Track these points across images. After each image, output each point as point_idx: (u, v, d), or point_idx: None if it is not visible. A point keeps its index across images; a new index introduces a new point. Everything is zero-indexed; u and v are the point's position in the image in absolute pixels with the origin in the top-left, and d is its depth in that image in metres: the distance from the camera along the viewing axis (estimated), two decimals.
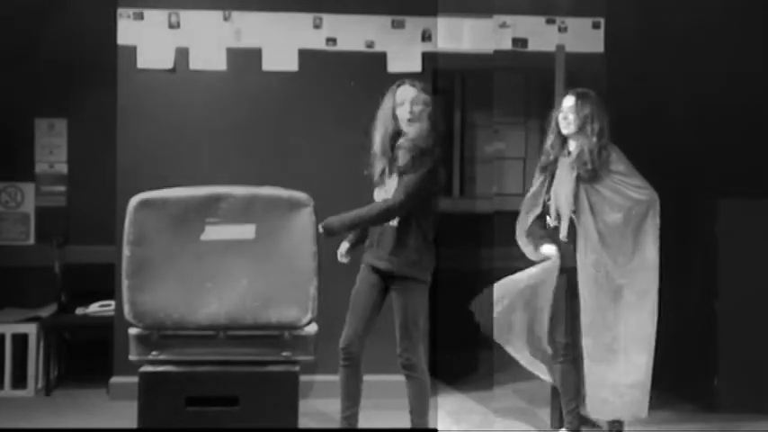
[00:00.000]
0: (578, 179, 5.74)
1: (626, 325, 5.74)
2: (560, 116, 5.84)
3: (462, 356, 8.16)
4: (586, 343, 5.79)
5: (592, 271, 5.75)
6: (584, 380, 5.87)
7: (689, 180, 7.23)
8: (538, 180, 5.99)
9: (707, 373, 6.82)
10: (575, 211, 5.78)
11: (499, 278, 6.09)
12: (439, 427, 6.34)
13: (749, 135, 7.73)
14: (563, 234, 5.78)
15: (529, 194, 6.05)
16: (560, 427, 6.11)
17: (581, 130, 5.76)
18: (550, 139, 5.92)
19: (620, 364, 5.75)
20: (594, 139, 5.72)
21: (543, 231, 5.89)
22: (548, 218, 5.89)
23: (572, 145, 5.83)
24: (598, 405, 5.82)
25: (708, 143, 7.57)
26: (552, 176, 5.88)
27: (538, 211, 5.93)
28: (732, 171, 7.43)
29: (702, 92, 7.67)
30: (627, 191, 5.76)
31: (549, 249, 5.81)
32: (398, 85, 5.44)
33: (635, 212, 5.75)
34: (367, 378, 6.92)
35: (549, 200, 5.89)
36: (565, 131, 5.83)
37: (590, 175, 5.72)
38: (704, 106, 7.67)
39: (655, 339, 5.78)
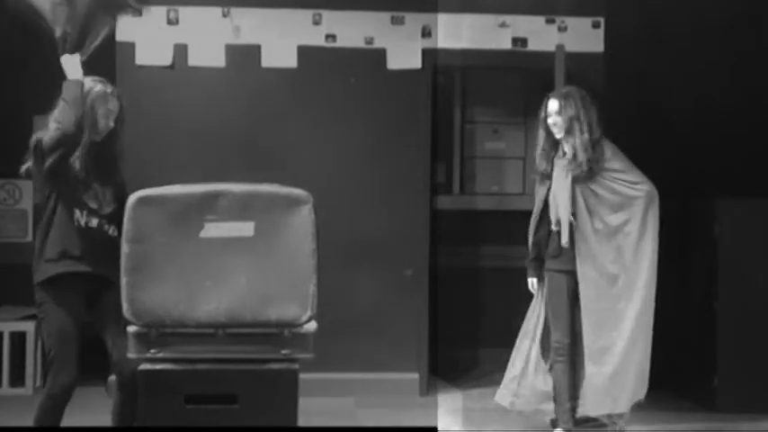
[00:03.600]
0: (574, 181, 5.74)
1: (627, 321, 5.77)
2: (550, 121, 5.84)
3: (462, 355, 8.16)
4: (587, 344, 5.80)
5: (593, 274, 5.78)
6: (583, 380, 5.90)
7: (689, 180, 7.24)
8: (540, 191, 5.98)
9: (707, 373, 6.82)
10: (573, 215, 5.80)
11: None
12: (439, 426, 6.35)
13: (749, 135, 7.75)
14: (564, 240, 5.78)
15: (535, 208, 6.05)
16: (556, 426, 6.12)
17: (570, 130, 5.76)
18: (540, 144, 5.93)
19: (621, 362, 5.79)
20: (586, 136, 5.71)
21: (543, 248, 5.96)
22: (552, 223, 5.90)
23: (565, 147, 5.83)
24: (601, 402, 5.86)
25: (708, 143, 7.60)
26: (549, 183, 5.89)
27: (553, 226, 5.91)
28: (732, 171, 7.45)
29: (702, 92, 7.71)
30: (624, 189, 5.76)
31: (530, 284, 6.05)
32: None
33: (633, 211, 5.77)
34: (355, 376, 7.01)
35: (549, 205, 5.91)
36: (558, 136, 5.84)
37: (586, 174, 5.72)
38: (704, 106, 7.70)
39: (653, 326, 5.84)
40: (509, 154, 8.56)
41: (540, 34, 7.35)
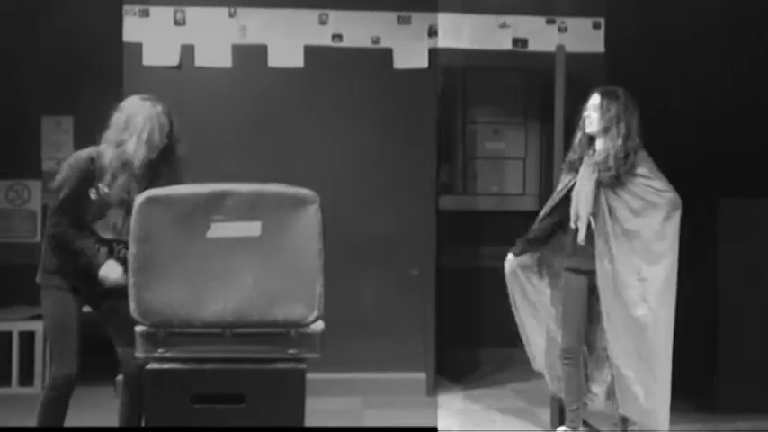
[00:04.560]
0: (599, 182, 5.74)
1: (644, 332, 5.73)
2: (585, 114, 5.82)
3: (463, 355, 8.18)
4: (611, 347, 5.80)
5: (609, 276, 5.74)
6: (604, 379, 5.97)
7: (689, 180, 7.23)
8: (564, 180, 5.97)
9: (707, 373, 6.84)
10: (593, 214, 5.78)
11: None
12: (439, 426, 6.35)
13: (749, 135, 7.76)
14: (581, 237, 5.75)
15: (554, 194, 6.05)
16: (560, 424, 6.15)
17: (607, 131, 5.72)
18: (578, 136, 5.90)
19: (642, 369, 5.76)
20: (620, 142, 5.66)
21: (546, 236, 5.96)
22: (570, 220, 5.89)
23: (597, 144, 5.80)
24: (630, 402, 5.83)
25: (708, 143, 7.60)
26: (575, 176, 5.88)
27: (573, 223, 5.89)
28: (732, 171, 7.46)
29: (702, 92, 7.71)
30: (647, 195, 5.70)
31: (507, 258, 6.10)
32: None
33: (653, 218, 5.70)
34: (362, 376, 7.01)
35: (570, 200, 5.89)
36: (588, 130, 5.79)
37: (611, 180, 5.69)
38: (704, 106, 7.71)
39: (672, 349, 5.82)
40: (509, 154, 8.58)
41: (541, 35, 7.36)
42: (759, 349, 6.80)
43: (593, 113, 5.77)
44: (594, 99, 5.81)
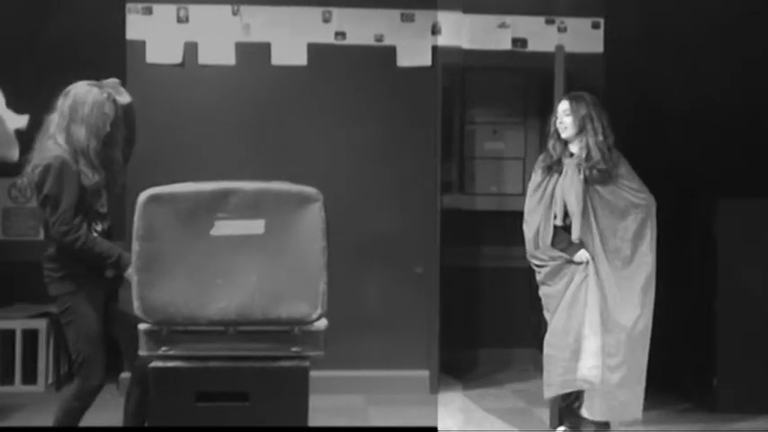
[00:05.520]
0: (586, 180, 5.74)
1: (623, 329, 5.73)
2: (557, 121, 5.85)
3: (462, 355, 8.16)
4: (583, 344, 5.80)
5: (591, 273, 5.77)
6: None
7: (689, 180, 7.26)
8: (546, 187, 5.91)
9: (707, 373, 6.83)
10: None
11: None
12: (438, 426, 6.35)
13: (749, 135, 7.77)
14: (575, 235, 5.76)
15: (537, 205, 5.95)
16: (560, 424, 6.14)
17: (582, 131, 5.76)
18: (550, 143, 5.92)
19: (614, 366, 5.74)
20: (600, 138, 5.72)
21: (568, 236, 5.87)
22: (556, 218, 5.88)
23: (574, 147, 5.83)
24: (592, 405, 5.82)
25: (708, 143, 7.62)
26: (556, 178, 5.88)
27: (558, 221, 5.88)
28: (732, 171, 7.47)
29: (702, 92, 7.73)
30: (627, 195, 5.75)
31: (584, 255, 5.79)
32: None
33: (633, 219, 5.75)
34: (366, 374, 6.99)
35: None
36: (564, 135, 5.83)
37: (602, 176, 5.71)
38: (704, 106, 7.72)
39: (649, 344, 5.80)
40: (508, 154, 8.56)
41: (540, 35, 7.36)
42: (759, 349, 6.77)
43: (565, 118, 5.82)
44: (563, 105, 5.87)
